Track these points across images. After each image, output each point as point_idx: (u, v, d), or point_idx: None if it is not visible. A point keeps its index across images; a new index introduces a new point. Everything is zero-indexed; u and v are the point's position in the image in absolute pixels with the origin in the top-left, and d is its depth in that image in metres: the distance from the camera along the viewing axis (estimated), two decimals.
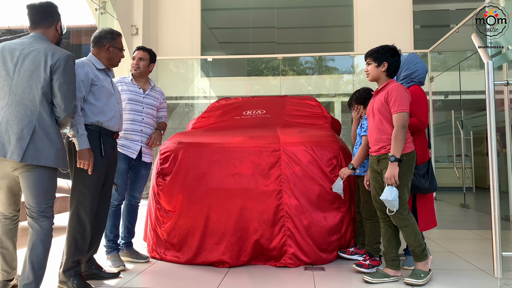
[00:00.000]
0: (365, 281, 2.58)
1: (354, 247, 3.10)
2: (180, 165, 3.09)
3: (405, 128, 2.49)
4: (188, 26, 9.19)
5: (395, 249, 2.63)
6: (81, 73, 2.40)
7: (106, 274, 2.66)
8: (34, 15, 2.27)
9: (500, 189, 2.77)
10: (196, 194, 3.01)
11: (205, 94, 9.37)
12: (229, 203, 2.97)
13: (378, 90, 2.69)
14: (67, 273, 2.37)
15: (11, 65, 2.12)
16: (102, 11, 7.42)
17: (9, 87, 2.11)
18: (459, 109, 6.83)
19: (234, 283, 2.59)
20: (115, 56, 2.63)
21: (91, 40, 2.63)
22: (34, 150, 2.06)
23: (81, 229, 2.41)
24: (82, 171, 2.39)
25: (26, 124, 2.07)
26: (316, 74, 9.81)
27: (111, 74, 2.70)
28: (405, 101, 2.51)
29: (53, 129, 2.14)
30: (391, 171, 2.46)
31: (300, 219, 2.92)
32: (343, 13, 9.47)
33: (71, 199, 2.43)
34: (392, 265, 2.61)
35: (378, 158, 2.62)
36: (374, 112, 2.64)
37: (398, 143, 2.47)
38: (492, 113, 2.75)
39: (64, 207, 4.61)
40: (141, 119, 3.09)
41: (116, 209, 3.00)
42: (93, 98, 2.46)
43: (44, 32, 2.26)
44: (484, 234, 4.17)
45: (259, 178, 2.99)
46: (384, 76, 2.65)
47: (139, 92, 3.14)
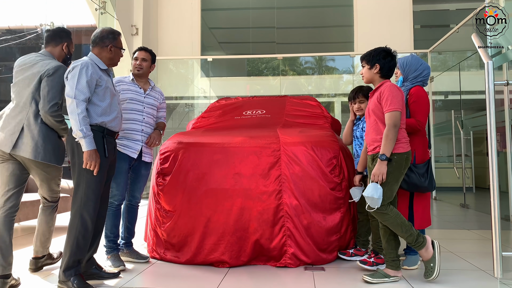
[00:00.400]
0: (365, 281, 2.58)
1: (354, 249, 3.10)
2: (180, 165, 3.09)
3: (396, 127, 2.51)
4: (188, 26, 9.19)
5: (395, 249, 2.63)
6: (87, 75, 2.43)
7: (106, 274, 2.66)
8: (47, 36, 2.83)
9: (500, 189, 2.78)
10: (196, 194, 3.01)
11: (205, 94, 9.37)
12: (229, 203, 2.97)
13: (373, 91, 2.73)
14: (67, 273, 2.37)
15: (20, 75, 2.66)
16: (102, 11, 7.43)
17: (15, 93, 2.65)
18: (459, 109, 6.83)
19: (234, 283, 2.59)
20: (116, 55, 2.66)
21: (92, 40, 2.64)
22: (20, 144, 2.53)
23: (83, 229, 2.41)
24: (86, 172, 2.40)
25: (17, 122, 2.56)
26: (316, 74, 9.81)
27: (112, 74, 2.73)
28: (397, 100, 2.53)
29: (36, 127, 2.55)
30: (380, 169, 2.50)
31: (300, 219, 2.92)
32: (343, 13, 9.47)
33: (74, 199, 2.44)
34: (392, 265, 2.61)
35: (373, 157, 2.66)
36: (370, 113, 2.69)
37: (389, 141, 2.50)
38: (492, 113, 2.76)
39: (64, 207, 4.61)
40: (142, 119, 3.11)
41: (116, 209, 3.00)
42: (98, 99, 2.49)
43: (51, 50, 2.78)
44: (484, 234, 4.17)
45: (259, 178, 2.99)
46: (378, 78, 2.70)
47: (140, 92, 3.15)
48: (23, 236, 4.21)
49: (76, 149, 2.43)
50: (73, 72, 2.42)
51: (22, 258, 3.23)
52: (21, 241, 3.95)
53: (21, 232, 4.42)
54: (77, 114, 2.34)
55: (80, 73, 2.40)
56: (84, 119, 2.36)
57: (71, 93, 2.37)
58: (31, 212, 4.15)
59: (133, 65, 3.18)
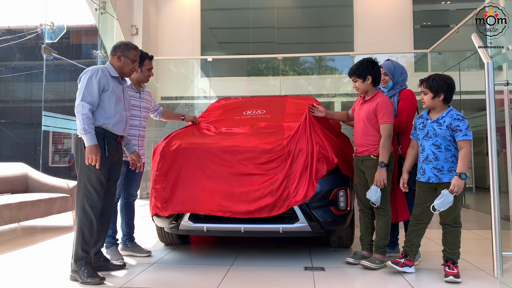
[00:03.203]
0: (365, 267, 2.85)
1: (405, 258, 2.81)
2: (179, 164, 3.08)
3: (391, 137, 2.85)
4: (188, 26, 9.19)
5: (371, 235, 3.02)
6: (96, 80, 2.65)
7: (112, 265, 2.86)
8: None
9: (500, 189, 2.78)
10: (195, 192, 3.01)
11: (205, 94, 9.37)
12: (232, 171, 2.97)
13: (366, 100, 2.99)
14: (78, 263, 2.58)
15: None
16: (102, 11, 7.42)
17: None
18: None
19: (234, 283, 2.60)
20: (125, 65, 2.81)
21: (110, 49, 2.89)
22: None
23: (87, 221, 2.60)
24: (88, 168, 2.60)
25: None
26: (316, 74, 9.81)
27: (124, 83, 2.88)
28: (392, 114, 2.88)
29: None
30: (381, 175, 2.81)
31: None
32: (343, 13, 9.47)
33: (77, 195, 2.65)
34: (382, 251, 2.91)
35: (362, 159, 2.97)
36: (360, 120, 2.98)
37: (386, 150, 2.83)
38: (492, 113, 2.76)
39: (64, 207, 4.62)
40: (139, 123, 3.27)
41: (114, 207, 3.13)
42: (103, 103, 2.68)
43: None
44: (484, 234, 4.17)
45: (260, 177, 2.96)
46: (371, 87, 2.98)
47: (137, 96, 3.27)
48: (23, 236, 4.21)
49: (80, 148, 2.63)
50: (84, 76, 2.67)
51: (22, 258, 3.24)
52: (21, 241, 3.95)
53: (21, 232, 4.42)
54: (81, 114, 2.57)
55: (90, 78, 2.64)
56: (87, 119, 2.57)
57: (79, 95, 2.61)
58: (31, 212, 4.15)
59: (143, 74, 3.26)
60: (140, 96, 3.29)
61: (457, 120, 2.60)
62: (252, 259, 3.18)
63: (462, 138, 2.58)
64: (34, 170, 5.09)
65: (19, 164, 5.04)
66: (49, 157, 13.99)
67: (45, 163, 13.14)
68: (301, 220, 2.90)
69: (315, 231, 2.96)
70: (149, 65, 3.29)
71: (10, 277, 2.73)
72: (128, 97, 2.93)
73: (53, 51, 6.99)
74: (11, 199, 4.00)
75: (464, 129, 2.58)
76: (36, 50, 13.73)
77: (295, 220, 2.93)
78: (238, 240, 3.81)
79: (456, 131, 2.59)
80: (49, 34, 7.78)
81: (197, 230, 3.05)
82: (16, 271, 2.89)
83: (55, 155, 14.23)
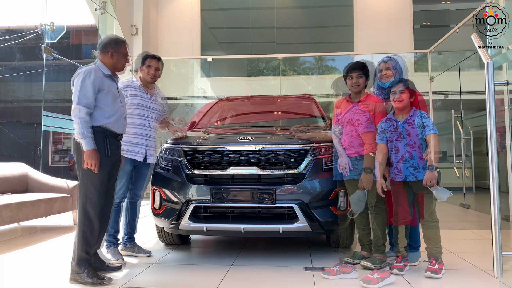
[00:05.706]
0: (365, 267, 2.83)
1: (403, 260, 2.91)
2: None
3: None
4: (188, 26, 9.19)
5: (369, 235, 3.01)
6: (89, 81, 2.60)
7: (108, 267, 2.81)
8: None
9: (500, 189, 2.78)
10: None
11: (205, 94, 9.37)
12: None
13: (357, 102, 3.00)
14: (80, 264, 2.56)
15: None
16: (102, 11, 7.42)
17: None
18: (459, 109, 6.83)
19: (234, 283, 2.60)
20: (118, 62, 2.77)
21: (97, 47, 2.80)
22: None
23: (88, 223, 2.59)
24: (89, 170, 2.57)
25: None
26: (316, 74, 9.81)
27: (117, 80, 2.85)
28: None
29: None
30: (368, 180, 2.84)
31: None
32: (343, 13, 9.47)
33: (79, 196, 2.63)
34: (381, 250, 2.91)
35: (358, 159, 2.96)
36: (349, 122, 2.98)
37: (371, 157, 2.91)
38: (492, 113, 2.76)
39: (64, 207, 4.61)
40: (147, 124, 3.27)
41: (117, 206, 3.15)
42: (101, 103, 2.64)
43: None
44: (484, 234, 4.17)
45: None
46: (363, 88, 3.06)
47: (147, 97, 3.29)
48: (23, 236, 4.21)
49: (80, 150, 2.60)
50: (77, 79, 2.62)
51: (22, 258, 3.24)
52: (21, 241, 3.95)
53: (21, 232, 4.42)
54: (79, 118, 2.53)
55: (83, 80, 2.58)
56: (85, 123, 2.54)
57: (75, 99, 2.57)
58: (31, 212, 4.15)
59: (146, 72, 3.28)
60: (149, 97, 3.28)
61: (424, 117, 2.80)
62: (252, 259, 3.18)
63: (430, 132, 2.75)
64: (34, 170, 5.10)
65: (19, 164, 5.04)
66: (49, 157, 13.99)
67: (45, 163, 13.14)
68: (301, 220, 2.90)
69: (315, 231, 2.97)
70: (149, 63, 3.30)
71: (10, 277, 2.73)
72: (122, 93, 2.91)
73: (53, 51, 6.98)
74: (11, 199, 4.00)
75: (431, 124, 2.78)
76: (36, 50, 13.73)
77: (295, 220, 2.93)
78: (238, 240, 3.81)
79: (424, 127, 2.78)
80: (49, 34, 7.80)
81: (197, 230, 3.05)
82: (16, 271, 2.89)
83: (55, 155, 14.22)
